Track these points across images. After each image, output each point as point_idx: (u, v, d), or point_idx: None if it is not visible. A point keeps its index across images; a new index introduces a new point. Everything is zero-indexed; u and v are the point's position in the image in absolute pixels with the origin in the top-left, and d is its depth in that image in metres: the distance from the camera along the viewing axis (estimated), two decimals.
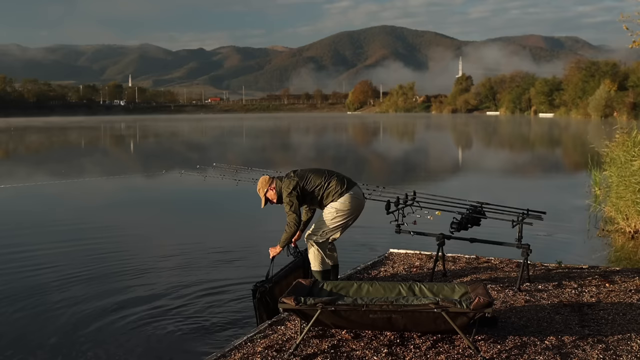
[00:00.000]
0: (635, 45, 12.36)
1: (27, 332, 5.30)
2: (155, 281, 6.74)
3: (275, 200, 5.40)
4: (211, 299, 6.06)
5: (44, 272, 7.21)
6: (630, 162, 9.56)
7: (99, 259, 7.86)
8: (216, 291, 6.32)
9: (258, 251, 7.90)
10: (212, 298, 6.10)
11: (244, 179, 6.72)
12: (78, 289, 6.51)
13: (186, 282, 6.71)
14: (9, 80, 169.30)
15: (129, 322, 5.47)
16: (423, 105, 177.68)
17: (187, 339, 5.00)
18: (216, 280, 6.73)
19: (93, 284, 6.66)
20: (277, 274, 5.19)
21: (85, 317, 5.60)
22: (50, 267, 7.44)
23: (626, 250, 8.30)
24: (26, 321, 5.56)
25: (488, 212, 5.71)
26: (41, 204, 13.31)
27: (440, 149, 33.48)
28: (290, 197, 5.21)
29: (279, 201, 5.38)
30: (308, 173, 5.38)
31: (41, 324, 5.47)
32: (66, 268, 7.39)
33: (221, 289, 6.40)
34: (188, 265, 7.49)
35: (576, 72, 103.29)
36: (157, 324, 5.39)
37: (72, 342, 5.01)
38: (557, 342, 4.17)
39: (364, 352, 4.06)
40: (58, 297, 6.23)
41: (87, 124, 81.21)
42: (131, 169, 22.18)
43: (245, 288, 6.39)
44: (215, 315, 5.59)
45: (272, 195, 5.38)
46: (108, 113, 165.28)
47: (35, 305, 5.97)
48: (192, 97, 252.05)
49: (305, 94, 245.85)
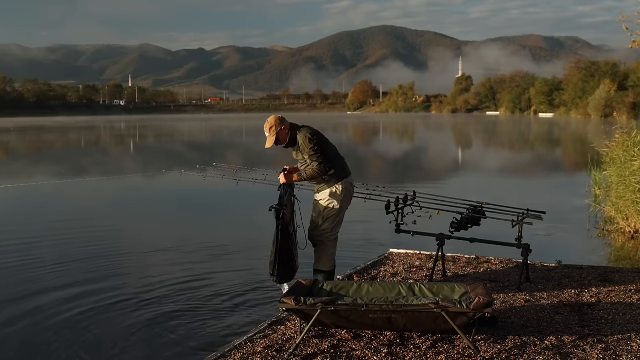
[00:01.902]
0: (635, 45, 12.37)
1: (25, 331, 5.29)
2: (155, 281, 6.74)
3: (285, 143, 5.23)
4: (211, 299, 6.05)
5: (43, 272, 7.20)
6: (630, 162, 9.56)
7: (98, 259, 7.85)
8: (216, 291, 6.31)
9: (258, 251, 7.90)
10: (212, 298, 6.09)
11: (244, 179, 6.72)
12: (77, 289, 6.50)
13: (186, 282, 6.70)
14: (9, 80, 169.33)
15: (128, 322, 5.46)
16: (423, 105, 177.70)
17: (187, 339, 5.00)
18: (216, 280, 6.73)
19: (92, 284, 6.66)
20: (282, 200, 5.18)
21: (85, 317, 5.60)
22: (50, 267, 7.43)
23: (626, 250, 8.30)
24: (25, 320, 5.55)
25: (488, 212, 5.72)
26: (41, 204, 13.30)
27: (440, 149, 33.48)
28: (312, 144, 5.11)
29: (290, 144, 5.23)
30: (323, 136, 5.32)
31: (36, 322, 5.47)
32: (66, 268, 7.39)
33: (221, 289, 6.40)
34: (188, 265, 7.49)
35: (576, 72, 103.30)
36: (157, 323, 5.38)
37: (70, 342, 5.00)
38: (557, 342, 4.17)
39: (364, 352, 4.06)
40: (57, 296, 6.22)
41: (87, 124, 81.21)
42: (131, 169, 22.18)
43: (245, 288, 6.40)
44: (215, 315, 5.59)
45: (284, 136, 5.20)
46: (108, 113, 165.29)
47: (34, 305, 5.96)
48: (192, 97, 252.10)
49: (305, 94, 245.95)
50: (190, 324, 5.35)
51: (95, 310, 5.79)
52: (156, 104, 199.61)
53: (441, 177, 17.95)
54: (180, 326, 5.31)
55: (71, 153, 31.98)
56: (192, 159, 25.76)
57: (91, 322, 5.48)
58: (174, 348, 4.84)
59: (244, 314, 5.57)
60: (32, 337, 5.15)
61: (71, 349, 4.86)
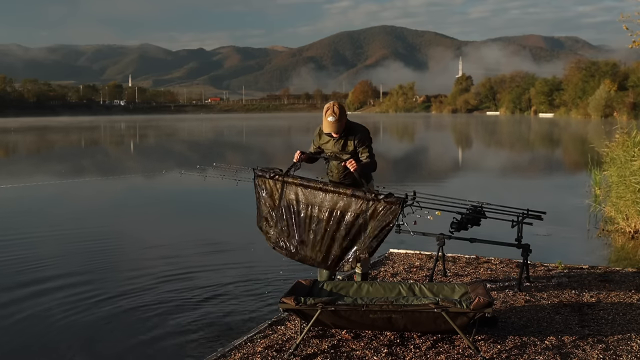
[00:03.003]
0: (635, 45, 12.36)
1: (26, 331, 5.29)
2: (154, 281, 6.74)
3: (339, 132, 5.08)
4: (211, 299, 6.06)
5: (43, 272, 7.20)
6: (630, 162, 9.56)
7: (98, 259, 7.85)
8: (216, 291, 6.32)
9: (258, 252, 7.90)
10: (212, 298, 6.10)
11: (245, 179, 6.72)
12: (77, 288, 6.50)
13: (185, 282, 6.71)
14: (9, 80, 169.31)
15: (128, 321, 5.47)
16: (423, 105, 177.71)
17: (187, 339, 5.00)
18: (216, 280, 6.73)
19: (92, 284, 6.66)
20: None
21: (84, 317, 5.60)
22: (50, 267, 7.44)
23: (626, 250, 8.30)
24: (25, 320, 5.55)
25: (488, 212, 5.71)
26: (41, 204, 13.30)
27: (440, 149, 33.48)
28: (371, 139, 5.17)
29: (341, 135, 5.10)
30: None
31: (37, 321, 5.47)
32: (65, 267, 7.39)
33: (221, 289, 6.40)
34: (188, 265, 7.49)
35: (576, 72, 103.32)
36: (157, 324, 5.38)
37: (69, 342, 5.00)
38: (557, 342, 4.18)
39: (364, 352, 4.06)
40: (56, 296, 6.22)
41: (88, 124, 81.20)
42: (131, 168, 22.18)
43: (245, 288, 6.40)
44: (215, 315, 5.59)
45: (344, 124, 5.09)
46: (108, 113, 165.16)
47: (33, 304, 5.96)
48: (192, 97, 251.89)
49: (305, 94, 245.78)
50: (190, 324, 5.35)
51: (94, 309, 5.79)
52: (156, 104, 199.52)
53: (441, 177, 17.95)
54: (180, 326, 5.31)
55: (71, 153, 31.98)
56: (192, 158, 25.76)
57: (90, 321, 5.48)
58: (173, 348, 4.84)
59: (244, 314, 5.57)
60: (29, 336, 5.14)
61: (67, 348, 4.86)
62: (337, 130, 5.06)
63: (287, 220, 5.12)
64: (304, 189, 5.06)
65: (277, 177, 5.14)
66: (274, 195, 5.17)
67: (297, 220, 5.08)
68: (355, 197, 4.87)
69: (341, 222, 4.92)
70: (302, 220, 5.06)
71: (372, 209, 4.84)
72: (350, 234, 4.91)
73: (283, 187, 5.14)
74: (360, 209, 4.87)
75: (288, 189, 5.12)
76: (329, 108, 5.11)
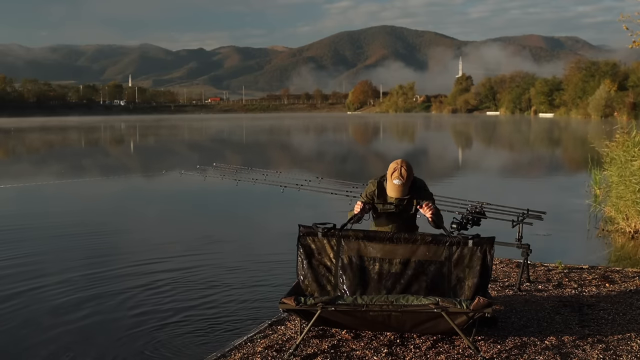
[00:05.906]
0: (635, 45, 12.36)
1: (26, 331, 5.29)
2: (154, 281, 6.74)
3: (405, 195, 4.57)
4: (211, 299, 6.05)
5: (42, 272, 7.20)
6: (630, 162, 9.56)
7: (98, 259, 7.84)
8: (215, 291, 6.32)
9: (258, 252, 7.90)
10: (212, 298, 6.09)
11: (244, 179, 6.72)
12: (76, 288, 6.50)
13: (185, 282, 6.71)
14: (9, 80, 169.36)
15: (128, 321, 5.46)
16: (423, 105, 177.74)
17: (187, 339, 5.00)
18: (215, 280, 6.73)
19: (91, 284, 6.65)
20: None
21: (84, 316, 5.60)
22: (50, 267, 7.44)
23: (626, 250, 8.30)
24: (24, 320, 5.55)
25: (488, 212, 5.72)
26: (41, 204, 13.30)
27: (440, 148, 33.47)
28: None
29: (406, 192, 4.57)
30: None
31: (36, 321, 5.47)
32: (65, 267, 7.38)
33: (220, 288, 6.40)
34: (187, 265, 7.48)
35: (576, 72, 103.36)
36: (156, 324, 5.38)
37: (68, 342, 5.00)
38: (557, 342, 4.18)
39: (364, 352, 4.06)
40: (56, 296, 6.22)
41: (87, 124, 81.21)
42: (131, 168, 22.18)
43: (245, 288, 6.40)
44: (215, 315, 5.59)
45: (409, 187, 4.60)
46: (108, 113, 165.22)
47: (33, 304, 5.97)
48: (192, 97, 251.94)
49: (305, 94, 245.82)
50: (190, 324, 5.35)
51: (93, 309, 5.79)
52: (156, 104, 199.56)
53: (441, 177, 17.94)
54: (180, 326, 5.30)
55: (72, 153, 31.98)
56: (192, 158, 25.75)
57: (89, 321, 5.47)
58: (173, 348, 4.84)
59: (244, 314, 5.57)
60: (28, 335, 5.14)
61: (67, 348, 4.86)
62: (404, 194, 4.53)
63: (350, 280, 4.35)
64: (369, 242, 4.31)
65: (332, 232, 4.37)
66: (329, 255, 4.39)
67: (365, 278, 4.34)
68: (436, 243, 4.23)
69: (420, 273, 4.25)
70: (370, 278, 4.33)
71: (457, 254, 4.22)
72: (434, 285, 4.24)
73: (339, 244, 4.36)
74: (444, 255, 4.22)
75: (347, 244, 4.36)
76: (396, 169, 4.54)
